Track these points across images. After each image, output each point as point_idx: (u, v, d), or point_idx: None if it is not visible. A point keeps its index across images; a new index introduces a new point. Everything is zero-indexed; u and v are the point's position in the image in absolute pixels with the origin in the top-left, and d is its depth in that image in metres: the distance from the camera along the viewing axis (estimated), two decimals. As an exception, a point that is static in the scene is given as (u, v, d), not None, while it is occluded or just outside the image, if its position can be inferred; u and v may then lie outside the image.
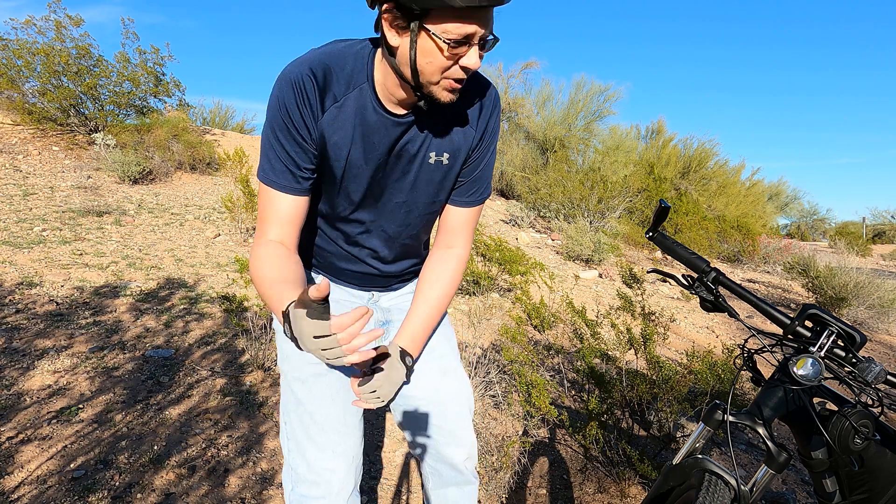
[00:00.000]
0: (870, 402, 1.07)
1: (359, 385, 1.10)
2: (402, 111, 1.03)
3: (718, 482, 1.10)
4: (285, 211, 1.04)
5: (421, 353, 1.22)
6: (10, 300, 3.31)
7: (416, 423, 1.23)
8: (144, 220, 5.61)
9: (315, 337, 0.82)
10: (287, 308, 0.90)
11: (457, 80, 0.92)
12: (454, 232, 1.21)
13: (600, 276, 6.53)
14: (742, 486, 1.08)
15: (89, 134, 7.72)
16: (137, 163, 6.87)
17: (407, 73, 0.92)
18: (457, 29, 0.85)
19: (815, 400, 1.17)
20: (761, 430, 1.11)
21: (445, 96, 0.94)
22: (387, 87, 0.99)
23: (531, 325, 2.81)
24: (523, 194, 9.78)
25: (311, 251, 1.22)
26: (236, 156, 7.15)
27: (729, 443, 1.08)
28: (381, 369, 1.10)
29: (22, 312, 3.18)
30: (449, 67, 0.90)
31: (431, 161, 1.09)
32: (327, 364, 1.12)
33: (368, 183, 1.08)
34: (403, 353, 1.14)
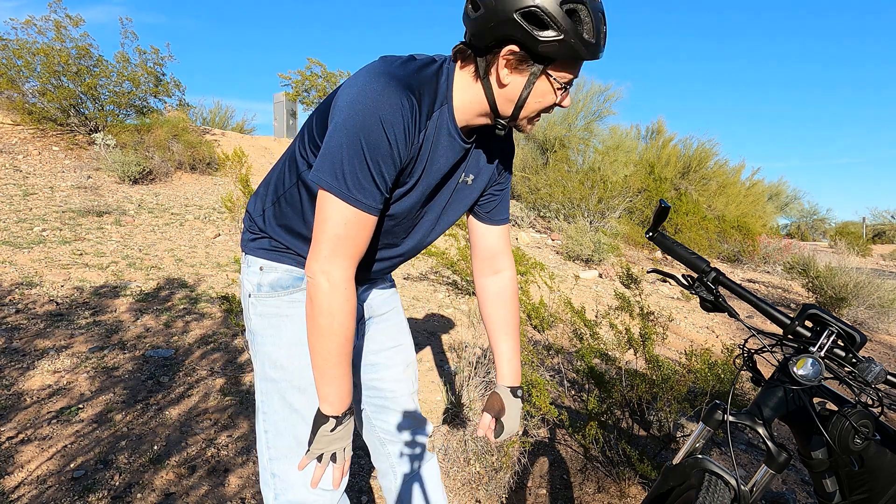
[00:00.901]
0: (870, 402, 1.07)
1: (496, 436, 1.27)
2: (467, 137, 1.07)
3: (718, 482, 1.10)
4: (368, 232, 1.00)
5: (391, 347, 1.33)
6: (10, 300, 3.31)
7: (388, 413, 1.34)
8: (144, 220, 5.61)
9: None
10: (349, 410, 1.06)
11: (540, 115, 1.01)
12: (500, 253, 1.29)
13: (600, 276, 6.53)
14: (742, 486, 1.08)
15: (89, 134, 7.73)
16: (137, 163, 6.87)
17: (507, 108, 0.99)
18: (569, 75, 0.96)
19: (815, 400, 1.17)
20: (761, 430, 1.11)
21: (529, 129, 1.04)
22: (466, 113, 1.02)
23: (531, 325, 2.81)
24: (523, 194, 9.78)
25: (306, 250, 1.14)
26: (236, 156, 7.15)
27: (729, 443, 1.08)
28: (501, 415, 1.26)
29: (22, 312, 3.18)
30: (550, 107, 0.99)
31: (460, 181, 1.14)
32: None
33: (416, 202, 1.09)
34: (514, 390, 1.28)
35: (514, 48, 0.92)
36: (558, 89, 0.97)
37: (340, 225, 0.95)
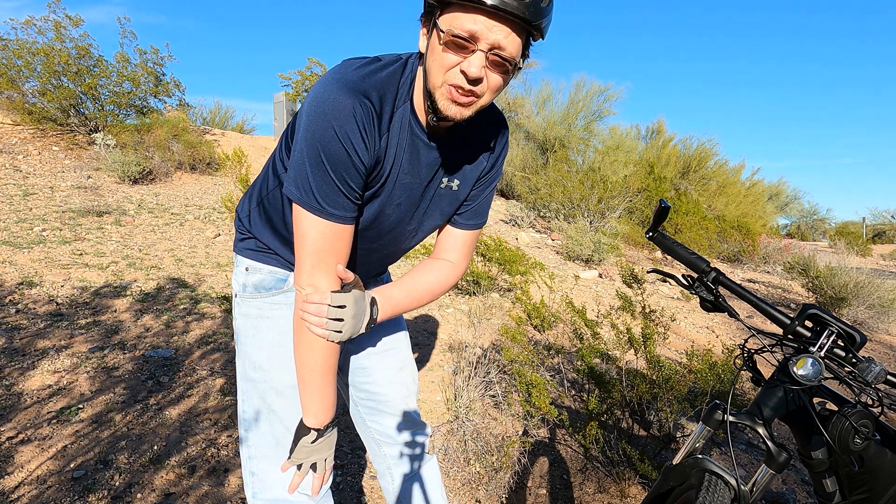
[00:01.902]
0: (870, 402, 1.07)
1: (332, 291, 0.99)
2: (433, 134, 1.02)
3: (718, 482, 1.10)
4: (347, 241, 0.98)
5: (383, 350, 1.30)
6: (10, 300, 3.31)
7: (381, 416, 1.33)
8: (144, 220, 5.61)
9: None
10: (332, 422, 1.08)
11: (457, 90, 0.88)
12: (453, 248, 1.21)
13: (600, 276, 6.53)
14: (742, 486, 1.08)
15: (89, 134, 7.73)
16: (137, 163, 6.87)
17: (423, 80, 0.92)
18: (460, 23, 0.83)
19: (815, 400, 1.17)
20: (761, 430, 1.11)
21: (449, 108, 0.90)
22: (420, 106, 0.98)
23: (531, 325, 2.81)
24: (523, 194, 9.78)
25: (287, 253, 1.15)
26: (236, 156, 7.15)
27: (729, 443, 1.08)
28: (352, 289, 1.02)
29: (22, 312, 3.18)
30: (450, 69, 0.87)
31: (443, 186, 1.10)
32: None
33: (392, 205, 1.06)
34: (373, 302, 1.06)
35: (423, 10, 0.89)
36: (445, 42, 0.85)
37: (318, 239, 0.95)
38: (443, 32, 0.85)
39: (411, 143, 1.00)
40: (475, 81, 0.87)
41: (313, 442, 1.06)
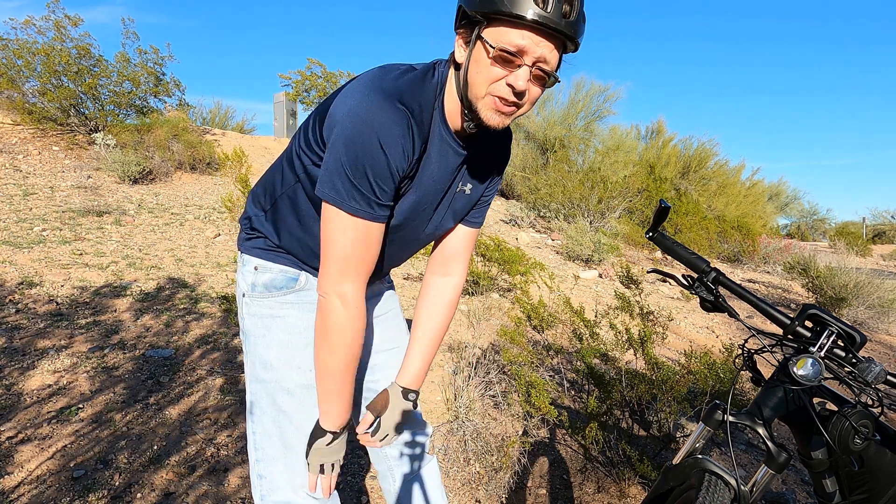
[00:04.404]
0: (870, 402, 1.07)
1: (371, 435, 1.19)
2: (461, 142, 1.03)
3: (718, 482, 1.10)
4: (378, 245, 1.00)
5: (388, 349, 1.32)
6: (10, 300, 3.31)
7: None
8: (144, 220, 5.61)
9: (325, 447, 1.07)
10: (345, 427, 1.08)
11: (502, 101, 0.90)
12: (456, 255, 1.22)
13: (600, 276, 6.53)
14: (742, 486, 1.08)
15: (89, 134, 7.73)
16: (137, 163, 6.87)
17: (464, 91, 0.93)
18: (508, 38, 0.85)
19: (815, 400, 1.17)
20: (761, 430, 1.11)
21: (492, 118, 0.92)
22: (452, 114, 0.99)
23: (530, 325, 2.81)
24: (523, 194, 9.79)
25: (301, 252, 1.15)
26: (236, 156, 7.15)
27: (729, 443, 1.08)
28: (382, 413, 1.20)
29: (22, 312, 3.18)
30: (495, 81, 0.89)
31: (458, 190, 1.11)
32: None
33: (417, 210, 1.07)
34: (406, 391, 1.21)
35: (463, 21, 0.90)
36: (493, 56, 0.86)
37: (349, 241, 0.95)
38: (492, 47, 0.86)
39: (440, 148, 1.01)
40: (520, 94, 0.90)
41: (328, 444, 1.06)
